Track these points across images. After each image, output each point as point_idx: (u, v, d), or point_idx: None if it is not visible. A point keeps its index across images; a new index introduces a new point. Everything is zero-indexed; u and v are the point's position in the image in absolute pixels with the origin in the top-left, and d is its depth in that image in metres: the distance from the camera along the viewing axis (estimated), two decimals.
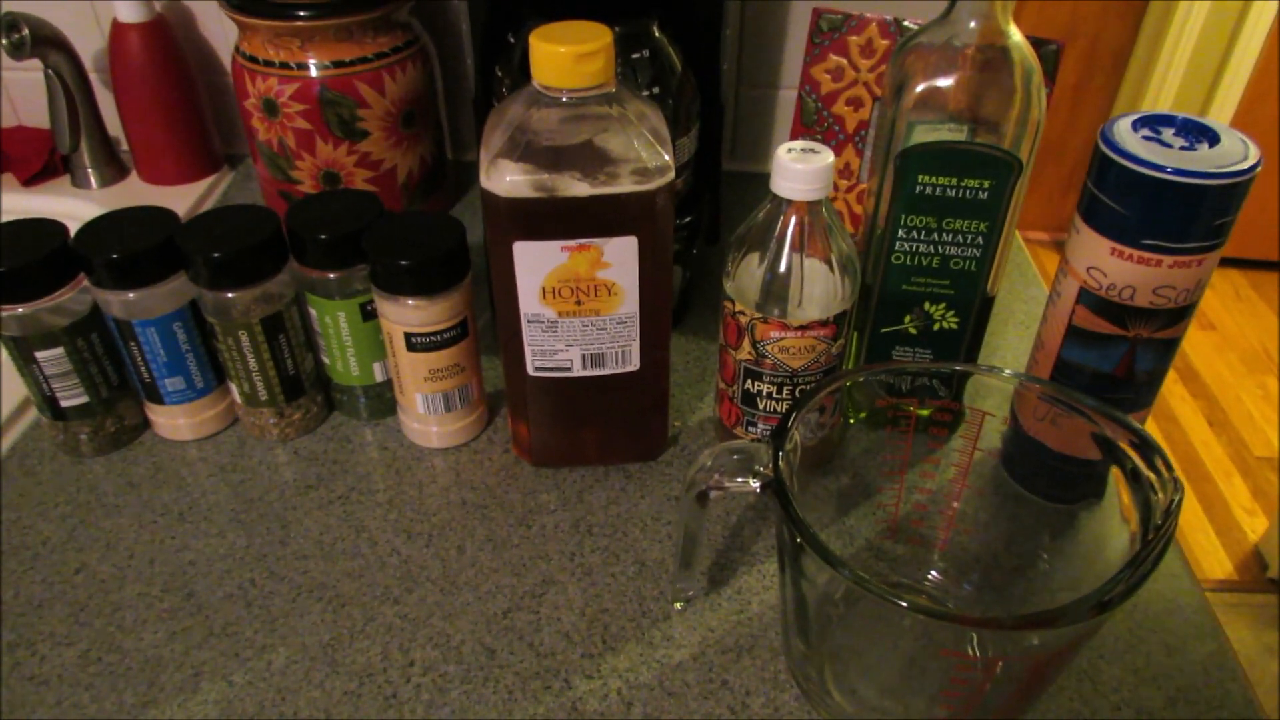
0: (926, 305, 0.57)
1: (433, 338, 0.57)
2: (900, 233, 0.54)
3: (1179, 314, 0.49)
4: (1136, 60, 2.31)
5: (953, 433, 0.64)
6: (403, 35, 0.77)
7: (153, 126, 0.89)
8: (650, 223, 0.50)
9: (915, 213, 0.53)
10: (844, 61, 0.76)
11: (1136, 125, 0.48)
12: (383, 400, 0.63)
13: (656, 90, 0.67)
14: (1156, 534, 0.37)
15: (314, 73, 0.74)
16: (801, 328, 0.53)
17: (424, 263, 0.55)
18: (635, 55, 0.66)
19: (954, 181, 0.51)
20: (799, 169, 0.49)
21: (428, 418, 0.61)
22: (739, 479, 0.41)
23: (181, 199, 0.89)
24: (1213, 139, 0.47)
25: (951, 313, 0.57)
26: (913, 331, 0.58)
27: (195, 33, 0.91)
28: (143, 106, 0.88)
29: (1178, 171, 0.44)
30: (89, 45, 0.90)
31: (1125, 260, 0.48)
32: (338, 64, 0.74)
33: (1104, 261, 0.48)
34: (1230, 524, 1.95)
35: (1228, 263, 2.51)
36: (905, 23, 0.73)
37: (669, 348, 0.57)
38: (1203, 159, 0.45)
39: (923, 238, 0.54)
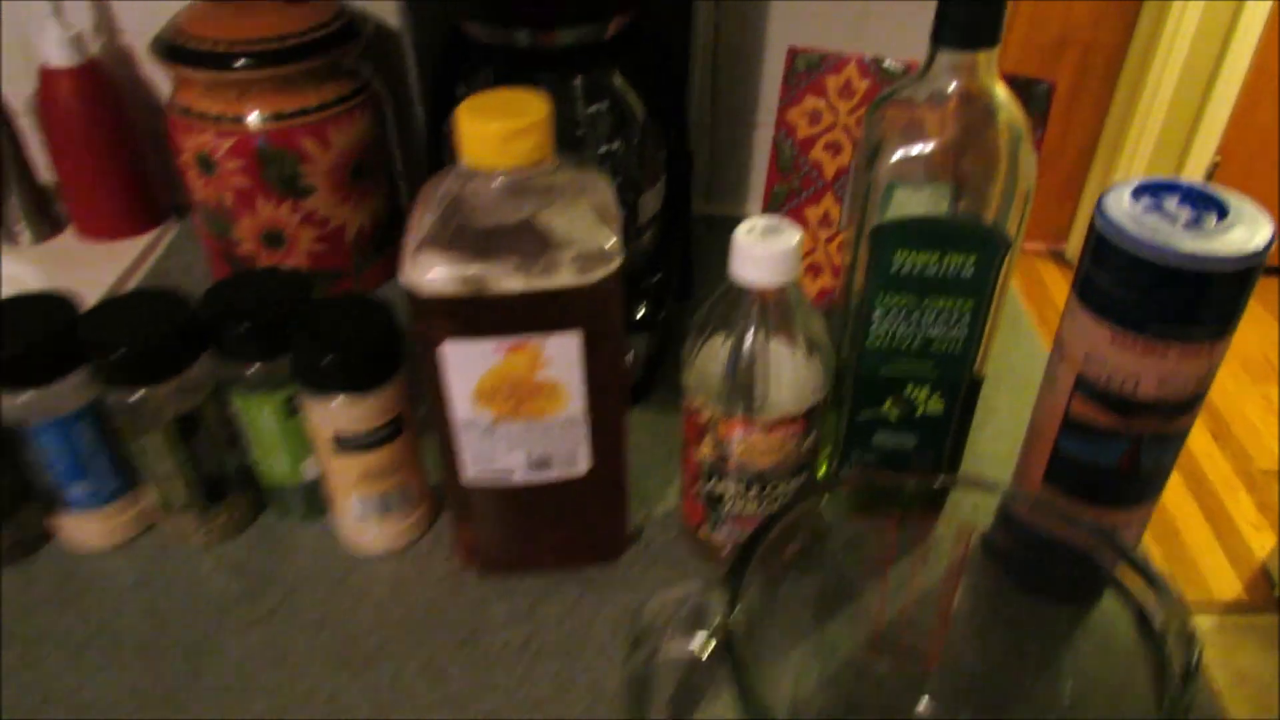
0: (908, 389, 0.51)
1: (364, 438, 0.51)
2: (877, 313, 0.49)
3: (1188, 405, 0.44)
4: (1131, 63, 2.26)
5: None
6: (350, 83, 0.72)
7: (88, 177, 0.84)
8: (595, 317, 0.45)
9: (894, 291, 0.48)
10: (821, 103, 0.70)
11: (1137, 194, 0.43)
12: (318, 498, 0.58)
13: (616, 146, 0.62)
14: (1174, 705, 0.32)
15: (252, 126, 0.69)
16: (768, 426, 0.47)
17: (351, 357, 0.49)
18: (593, 108, 0.61)
19: (935, 258, 0.46)
20: (760, 253, 0.43)
21: (363, 522, 0.55)
22: (685, 642, 0.35)
23: (122, 255, 0.84)
24: (1221, 210, 0.41)
25: (936, 396, 0.51)
26: (894, 416, 0.53)
27: (136, 73, 0.86)
28: (77, 156, 0.82)
29: (1186, 256, 0.39)
30: (19, 89, 0.85)
31: (1127, 349, 0.42)
32: (278, 116, 0.68)
33: (1103, 349, 0.43)
34: (1237, 541, 1.90)
35: None
36: (886, 63, 0.68)
37: (624, 445, 0.51)
38: (1212, 237, 0.39)
39: (902, 318, 0.48)
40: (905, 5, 0.78)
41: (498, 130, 0.41)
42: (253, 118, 0.68)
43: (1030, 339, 0.73)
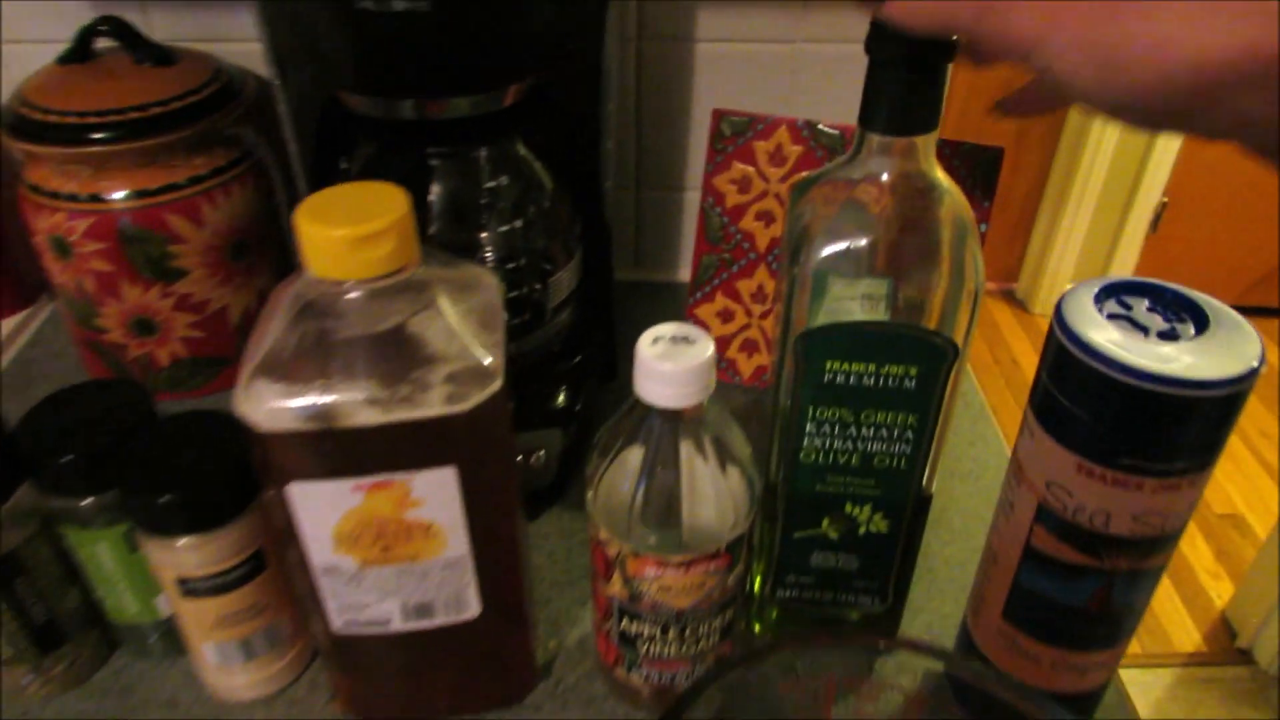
0: (848, 507, 0.45)
1: (215, 581, 0.44)
2: (809, 426, 0.42)
3: (1167, 540, 0.38)
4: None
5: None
6: (227, 153, 0.64)
7: None
8: (474, 448, 0.38)
9: (826, 404, 0.41)
10: (751, 170, 0.64)
11: (1101, 297, 0.37)
12: (178, 635, 0.50)
13: (518, 224, 0.55)
14: None
15: (112, 205, 0.61)
16: (685, 564, 0.40)
17: (195, 493, 0.42)
18: (491, 184, 0.54)
19: (872, 369, 0.40)
20: (667, 370, 0.37)
21: (225, 668, 0.47)
22: None
23: None
24: (1199, 318, 0.35)
25: (879, 515, 0.45)
26: (833, 536, 0.46)
27: None
28: None
29: (1163, 380, 0.33)
30: None
31: (1096, 480, 0.36)
32: (141, 194, 0.61)
33: (1069, 479, 0.37)
34: (1196, 590, 1.86)
35: None
36: (820, 126, 0.62)
37: (522, 583, 0.44)
38: (1193, 354, 0.33)
39: (837, 432, 0.42)
40: (841, 63, 0.72)
41: (343, 238, 0.34)
42: (114, 196, 0.61)
43: (990, 439, 0.67)
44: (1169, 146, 2.15)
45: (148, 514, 0.42)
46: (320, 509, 0.38)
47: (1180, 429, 0.34)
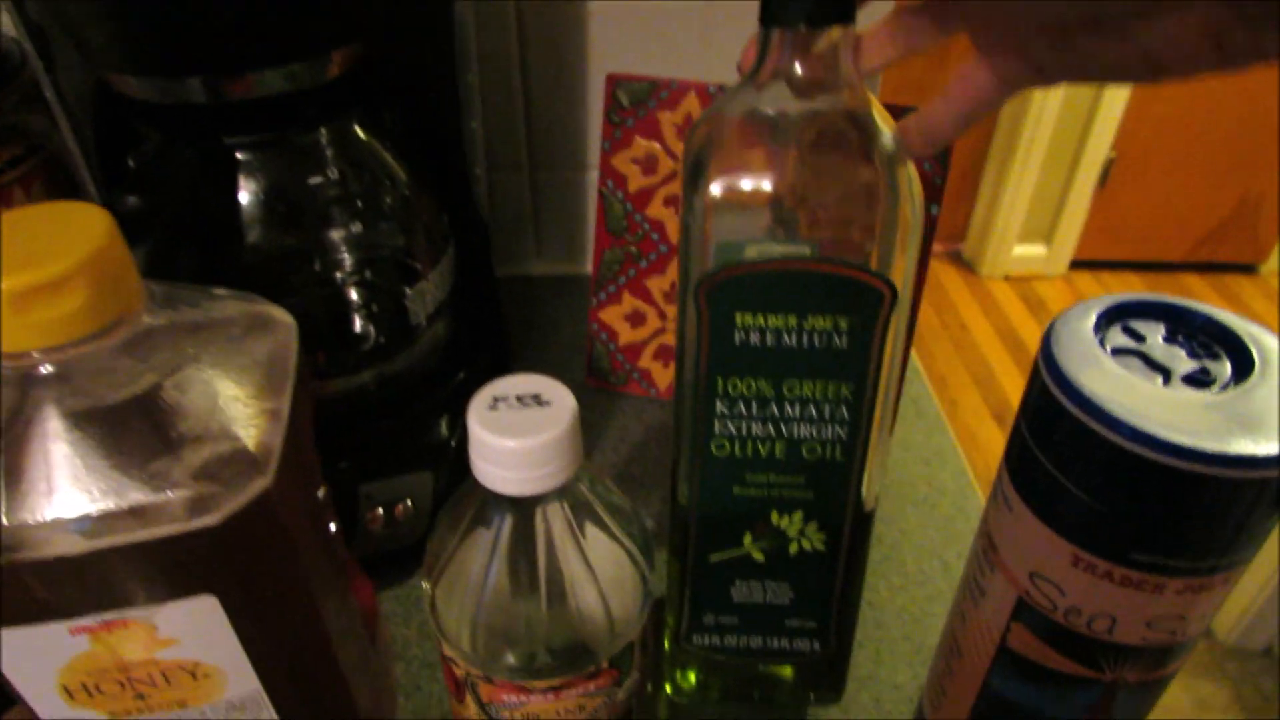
0: (774, 516, 0.35)
1: None
2: (719, 406, 0.32)
3: (1188, 645, 0.28)
4: None
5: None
6: (8, 148, 0.52)
7: None
8: (240, 567, 0.27)
9: (738, 373, 0.31)
10: (656, 147, 0.54)
11: (1103, 323, 0.27)
12: None
13: (356, 227, 0.44)
14: None
15: None
16: (554, 689, 0.30)
17: None
18: (315, 180, 0.43)
19: (792, 323, 0.30)
20: (510, 449, 0.26)
21: None
22: None
23: None
24: (1238, 354, 0.26)
25: (814, 526, 0.35)
26: (758, 557, 0.36)
27: None
28: None
29: (1193, 454, 0.23)
30: None
31: (1100, 578, 0.26)
32: None
33: (1061, 573, 0.27)
34: None
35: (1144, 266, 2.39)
36: None
37: (354, 702, 0.34)
38: (1233, 413, 0.24)
39: (754, 412, 0.32)
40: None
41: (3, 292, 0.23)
42: None
43: (949, 455, 0.58)
44: (1116, 98, 2.08)
45: None
46: (29, 659, 0.27)
47: (1219, 518, 0.24)
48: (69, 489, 0.24)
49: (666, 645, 0.41)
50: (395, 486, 0.48)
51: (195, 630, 0.27)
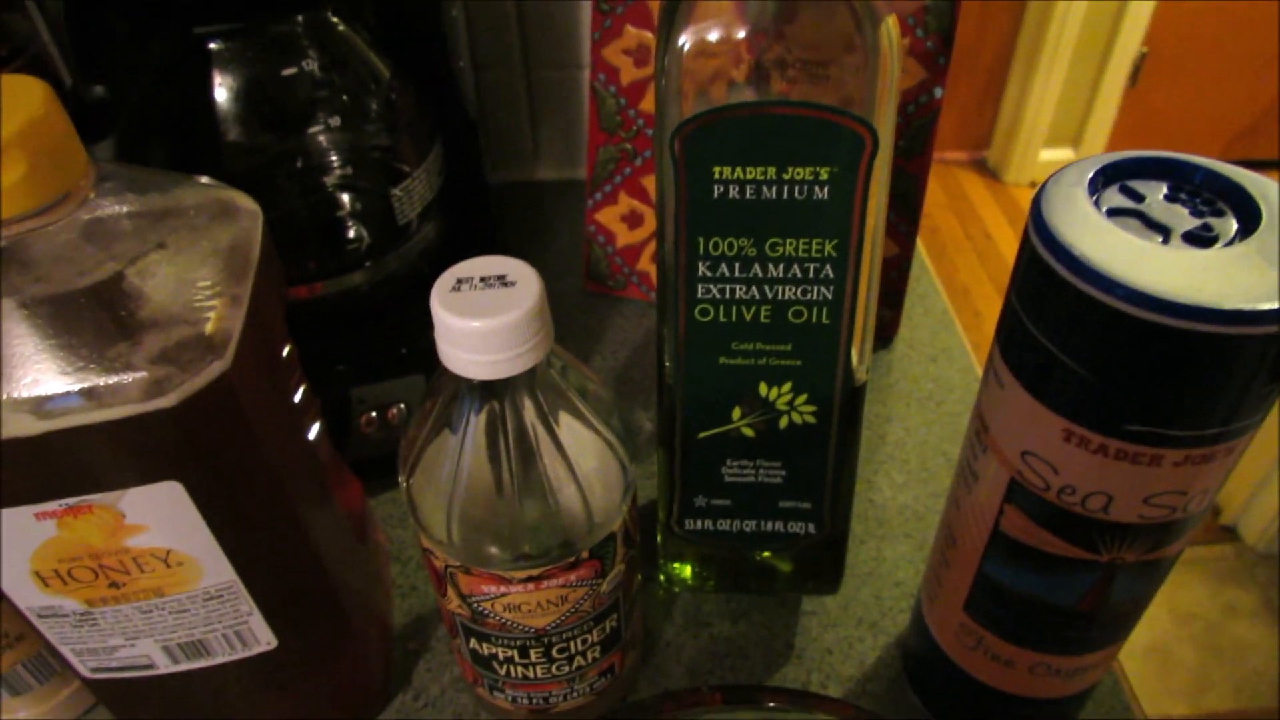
0: (762, 388, 0.34)
1: None
2: (701, 269, 0.31)
3: (1191, 521, 0.27)
4: None
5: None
6: None
7: None
8: (202, 453, 0.26)
9: (719, 232, 0.30)
10: (648, 35, 0.52)
11: (1098, 183, 0.25)
12: None
13: (335, 122, 0.43)
14: None
15: None
16: (533, 579, 0.30)
17: None
18: (291, 71, 0.41)
19: (772, 174, 0.28)
20: (473, 330, 0.25)
21: None
22: None
23: None
24: (1243, 208, 0.24)
25: (804, 399, 0.34)
26: (748, 433, 0.35)
27: None
28: None
29: (1195, 311, 0.21)
30: None
31: (1094, 453, 0.25)
32: None
33: (1053, 450, 0.26)
34: None
35: None
36: None
37: (339, 598, 0.33)
38: (1239, 268, 0.22)
39: (737, 273, 0.31)
40: None
41: None
42: None
43: (956, 353, 0.56)
44: None
45: None
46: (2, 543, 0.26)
47: (1220, 381, 0.23)
48: (25, 372, 0.24)
49: (659, 539, 0.41)
50: (388, 390, 0.47)
51: (163, 517, 0.27)
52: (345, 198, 0.46)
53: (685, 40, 0.27)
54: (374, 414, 0.47)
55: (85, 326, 0.25)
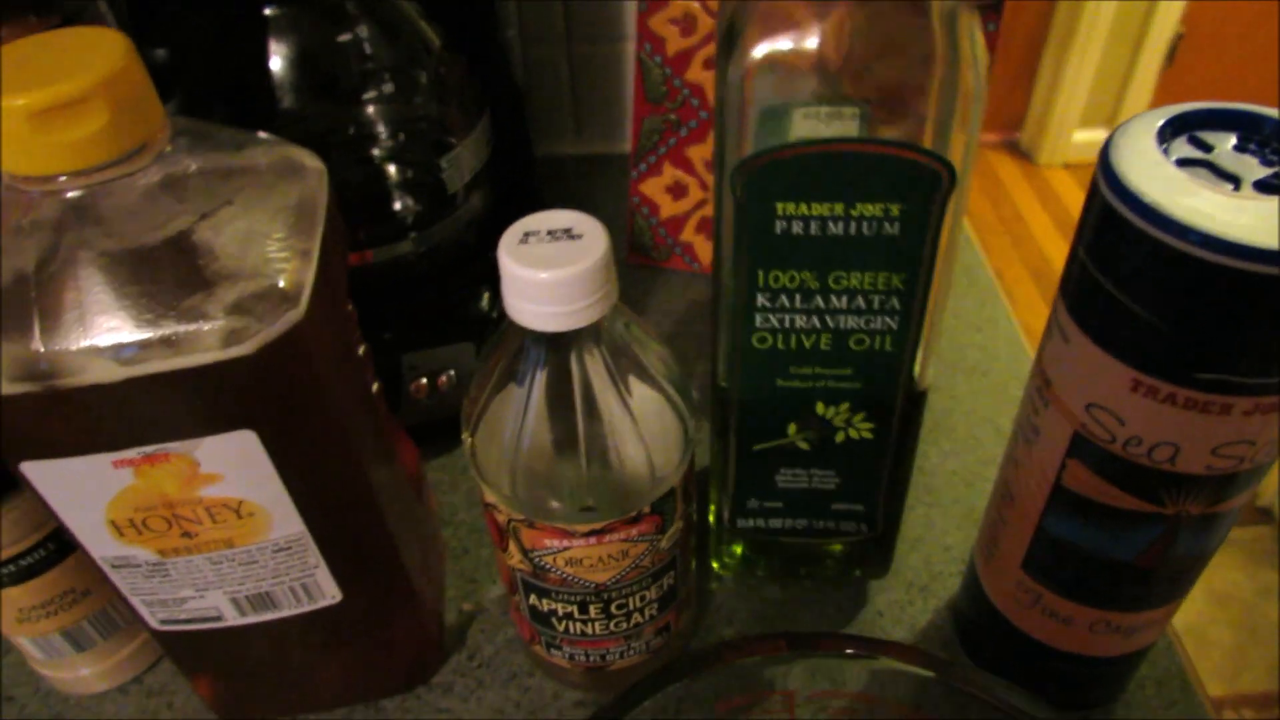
0: (820, 407, 0.34)
1: (2, 571, 0.34)
2: (759, 299, 0.31)
3: (1257, 473, 0.27)
4: None
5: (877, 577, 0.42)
6: (41, 20, 0.51)
7: None
8: (276, 401, 0.27)
9: (779, 266, 0.30)
10: (694, 5, 0.52)
11: (1167, 133, 0.25)
12: None
13: (388, 89, 0.43)
14: None
15: None
16: (596, 533, 0.30)
17: None
18: (345, 38, 0.42)
19: (839, 210, 0.28)
20: (541, 281, 0.26)
21: (55, 663, 0.38)
22: None
23: None
24: None
25: (861, 416, 0.34)
26: (803, 446, 0.36)
27: None
28: None
29: (1267, 254, 0.21)
30: None
31: (1162, 403, 0.25)
32: None
33: (1120, 401, 0.26)
34: None
35: None
36: None
37: (399, 555, 0.34)
38: None
39: (798, 304, 0.31)
40: None
41: (21, 110, 0.22)
42: None
43: (1001, 322, 0.56)
44: None
45: None
46: (76, 493, 0.27)
47: None
48: (105, 320, 0.24)
49: (712, 520, 0.41)
50: (438, 357, 0.47)
51: (237, 466, 0.27)
52: (395, 167, 0.46)
53: (749, 55, 0.26)
54: (424, 380, 0.47)
55: (163, 277, 0.25)
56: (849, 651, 0.26)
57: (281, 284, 0.26)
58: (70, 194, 0.24)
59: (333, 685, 0.38)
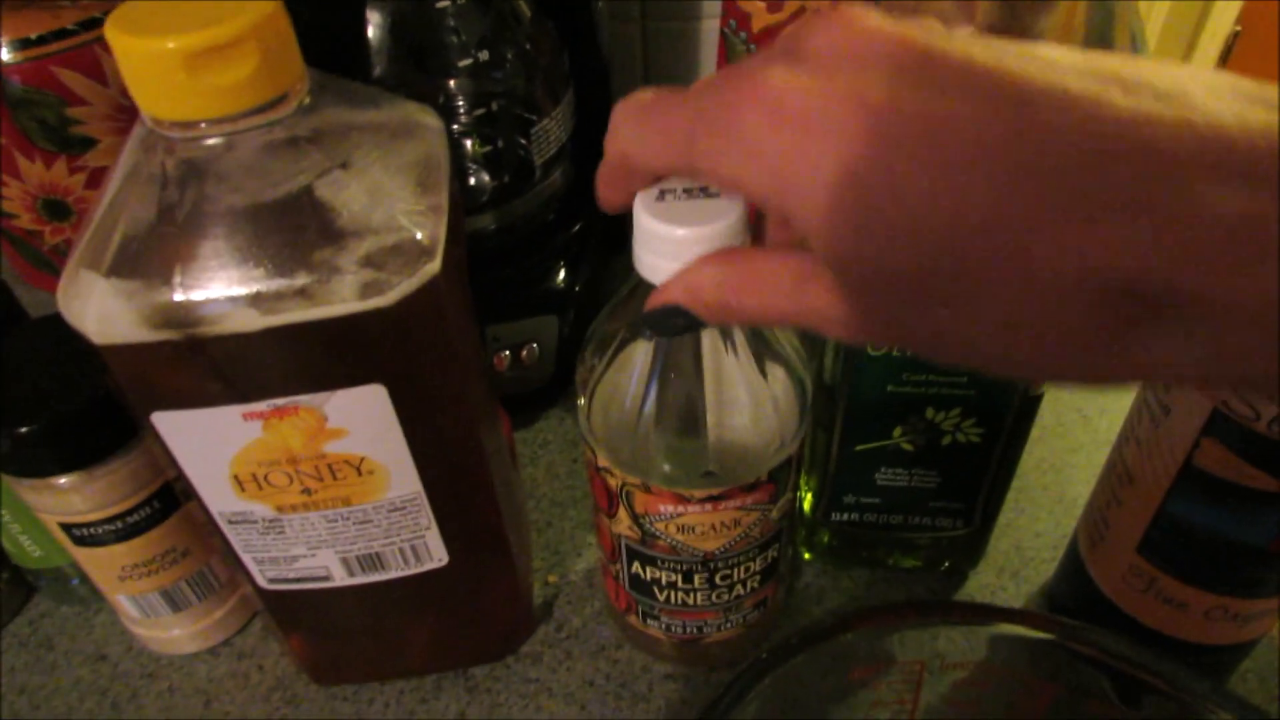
0: (929, 412, 0.34)
1: (112, 526, 0.34)
2: None
3: None
4: None
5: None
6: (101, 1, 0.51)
7: None
8: (407, 355, 0.27)
9: None
10: None
11: None
12: None
13: (484, 56, 0.43)
14: None
15: None
16: (714, 499, 0.30)
17: (64, 423, 0.31)
18: (440, 3, 0.42)
19: None
20: (678, 236, 0.25)
21: (151, 622, 0.38)
22: None
23: None
24: None
25: (971, 421, 0.34)
26: (908, 448, 0.35)
27: None
28: None
29: None
30: None
31: None
32: (22, 44, 0.49)
33: None
34: None
35: None
36: None
37: (503, 521, 0.34)
38: None
39: None
40: None
41: (173, 52, 0.22)
42: None
43: None
44: None
45: (7, 451, 0.32)
46: (203, 445, 0.27)
47: None
48: (245, 269, 0.24)
49: (807, 508, 0.40)
50: (521, 329, 0.47)
51: (363, 422, 0.27)
52: (481, 139, 0.46)
53: None
54: (506, 353, 0.47)
55: (294, 230, 0.25)
56: (981, 619, 0.26)
57: (419, 236, 0.25)
58: (210, 140, 0.24)
59: (426, 651, 0.38)
